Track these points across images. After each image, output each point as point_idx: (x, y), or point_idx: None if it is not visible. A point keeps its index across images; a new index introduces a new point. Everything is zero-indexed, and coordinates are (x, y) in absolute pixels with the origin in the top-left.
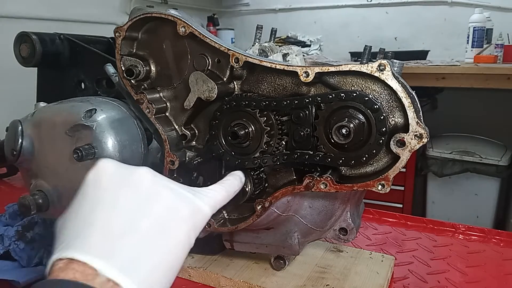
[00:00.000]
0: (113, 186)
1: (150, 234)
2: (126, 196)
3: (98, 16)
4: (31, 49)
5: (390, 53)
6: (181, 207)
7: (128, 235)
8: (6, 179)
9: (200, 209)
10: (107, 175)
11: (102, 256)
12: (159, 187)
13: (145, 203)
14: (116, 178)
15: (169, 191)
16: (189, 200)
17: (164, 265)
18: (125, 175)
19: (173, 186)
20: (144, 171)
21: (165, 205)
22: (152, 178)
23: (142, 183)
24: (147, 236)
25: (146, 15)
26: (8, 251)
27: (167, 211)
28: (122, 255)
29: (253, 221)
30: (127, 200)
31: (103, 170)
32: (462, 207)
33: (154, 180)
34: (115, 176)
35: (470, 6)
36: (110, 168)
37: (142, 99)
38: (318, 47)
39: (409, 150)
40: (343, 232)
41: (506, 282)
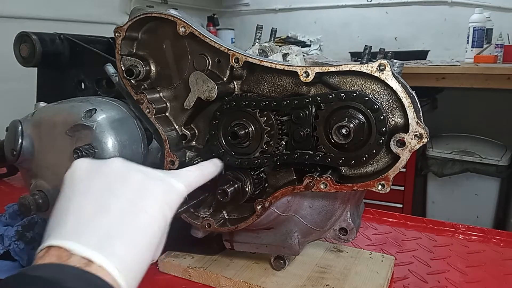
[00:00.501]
0: (85, 176)
1: (122, 213)
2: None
3: (98, 16)
4: (31, 49)
5: (390, 53)
6: (152, 185)
7: (100, 215)
8: (6, 179)
9: (172, 186)
10: (81, 169)
11: (75, 238)
12: (129, 170)
13: (115, 185)
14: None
15: (139, 173)
16: (161, 179)
17: (139, 242)
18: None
19: (144, 169)
20: (115, 159)
21: (136, 186)
22: (122, 163)
23: (112, 169)
24: (119, 215)
25: (146, 15)
26: (8, 251)
27: (138, 190)
28: (94, 234)
29: (253, 221)
30: (98, 186)
31: (77, 166)
32: (462, 207)
33: (125, 165)
34: (88, 168)
35: (470, 6)
36: (84, 164)
37: (142, 99)
38: (318, 47)
39: (409, 150)
40: (343, 232)
41: (506, 282)
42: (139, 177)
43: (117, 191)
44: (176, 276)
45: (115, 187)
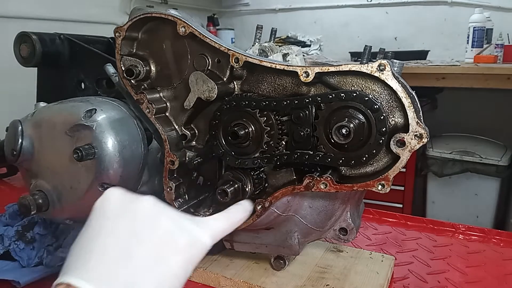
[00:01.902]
0: (115, 214)
1: (145, 262)
2: (125, 223)
3: (98, 16)
4: (31, 49)
5: (390, 53)
6: (178, 237)
7: (123, 261)
8: (6, 179)
9: (198, 239)
10: (111, 203)
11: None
12: (158, 215)
13: (142, 230)
14: (119, 206)
15: (167, 219)
16: (188, 230)
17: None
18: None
19: (173, 215)
20: (146, 199)
21: (162, 234)
22: (152, 206)
23: (141, 211)
24: (141, 263)
25: (146, 15)
26: (8, 251)
27: (164, 239)
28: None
29: (253, 221)
30: (126, 228)
31: (108, 198)
32: (462, 207)
33: (154, 208)
34: (118, 204)
35: (470, 6)
36: (114, 197)
37: (142, 99)
38: (318, 47)
39: (409, 150)
40: (343, 232)
41: (506, 282)
42: (167, 225)
43: (143, 237)
44: None
45: (142, 233)
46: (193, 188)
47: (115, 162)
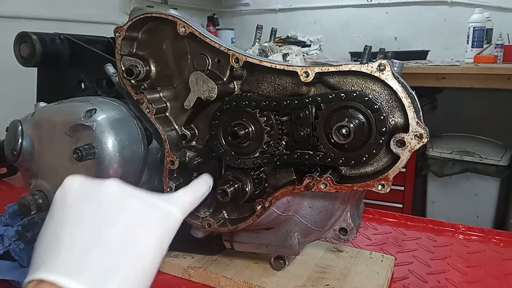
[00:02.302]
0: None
1: (119, 245)
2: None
3: (98, 16)
4: (31, 49)
5: (390, 53)
6: (149, 214)
7: (96, 248)
8: (6, 179)
9: (170, 214)
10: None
11: (70, 274)
12: (125, 197)
13: (111, 214)
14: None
15: (135, 199)
16: (158, 206)
17: (136, 275)
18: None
19: (140, 194)
20: (110, 182)
21: (132, 214)
22: (118, 189)
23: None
24: (115, 247)
25: (146, 15)
26: (8, 251)
27: (135, 219)
28: (91, 270)
29: (253, 221)
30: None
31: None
32: (462, 207)
33: (121, 190)
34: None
35: (470, 6)
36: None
37: (142, 99)
38: (318, 47)
39: (409, 150)
40: (343, 232)
41: (506, 282)
42: (136, 204)
43: (113, 220)
44: (176, 276)
45: (111, 216)
46: None
47: (115, 162)
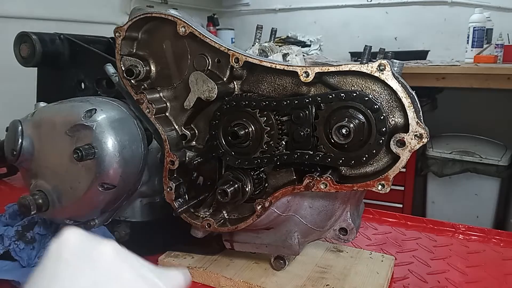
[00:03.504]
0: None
1: None
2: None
3: (98, 16)
4: (31, 49)
5: (390, 53)
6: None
7: None
8: (6, 179)
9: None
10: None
11: None
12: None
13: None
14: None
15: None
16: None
17: None
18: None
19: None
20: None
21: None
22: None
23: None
24: None
25: (146, 15)
26: (8, 251)
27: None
28: None
29: (253, 221)
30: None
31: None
32: (462, 207)
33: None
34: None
35: (470, 6)
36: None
37: (142, 99)
38: (318, 47)
39: (409, 150)
40: (343, 232)
41: (506, 282)
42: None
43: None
44: None
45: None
46: (193, 188)
47: (115, 162)
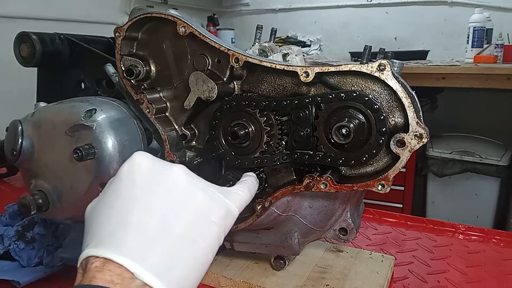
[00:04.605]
0: (149, 185)
1: (183, 238)
2: (160, 196)
3: (98, 16)
4: (31, 49)
5: (390, 53)
6: (213, 210)
7: (162, 238)
8: (6, 179)
9: (230, 211)
10: (142, 171)
11: (138, 260)
12: (193, 189)
13: (179, 203)
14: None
15: (202, 193)
16: (221, 203)
17: (195, 268)
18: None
19: (206, 187)
20: (178, 169)
21: (198, 208)
22: (186, 178)
23: (176, 183)
24: (180, 239)
25: (146, 15)
26: (8, 251)
27: (200, 214)
28: (157, 258)
29: (253, 221)
30: (162, 201)
31: (138, 166)
32: (462, 207)
33: (188, 180)
34: (150, 173)
35: (470, 6)
36: (145, 165)
37: (142, 99)
38: (318, 47)
39: (409, 150)
40: (343, 232)
41: (506, 282)
42: (202, 198)
43: (180, 210)
44: None
45: (179, 206)
46: None
47: (115, 162)
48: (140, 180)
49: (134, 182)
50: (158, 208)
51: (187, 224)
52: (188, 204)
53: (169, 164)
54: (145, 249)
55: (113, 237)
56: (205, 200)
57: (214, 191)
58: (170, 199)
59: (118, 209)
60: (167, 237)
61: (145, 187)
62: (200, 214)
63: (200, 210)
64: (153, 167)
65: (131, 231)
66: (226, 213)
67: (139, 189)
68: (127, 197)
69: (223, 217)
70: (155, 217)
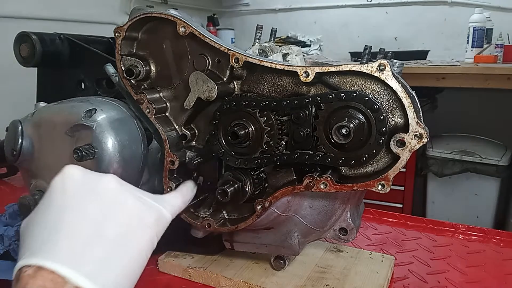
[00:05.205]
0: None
1: (116, 241)
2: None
3: (98, 16)
4: (31, 49)
5: (390, 53)
6: (146, 215)
7: (95, 242)
8: (6, 179)
9: (163, 215)
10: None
11: (70, 264)
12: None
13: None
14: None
15: (134, 199)
16: (153, 208)
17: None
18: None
19: (138, 194)
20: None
21: (130, 213)
22: (118, 186)
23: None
24: (113, 243)
25: (146, 15)
26: (8, 251)
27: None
28: (89, 262)
29: (253, 221)
30: (94, 208)
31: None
32: (462, 207)
33: (120, 188)
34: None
35: (470, 6)
36: (76, 175)
37: (142, 99)
38: (318, 47)
39: (409, 150)
40: (343, 232)
41: (506, 282)
42: (133, 203)
43: (112, 216)
44: (176, 276)
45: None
46: None
47: (115, 162)
48: (71, 189)
49: (65, 191)
50: (90, 213)
51: (119, 227)
52: (119, 208)
53: (100, 174)
54: (77, 253)
55: (45, 244)
56: (136, 204)
57: (146, 197)
58: (101, 204)
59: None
60: (99, 240)
61: (76, 195)
62: (132, 217)
63: (132, 213)
64: (84, 177)
65: (62, 237)
66: (159, 217)
67: (70, 198)
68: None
69: (156, 221)
70: (86, 222)
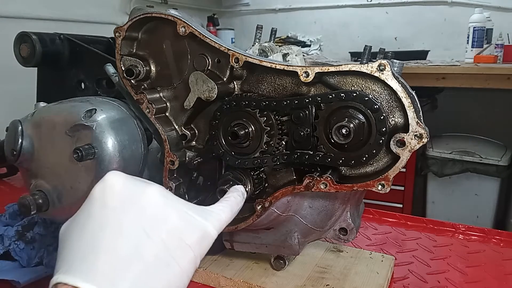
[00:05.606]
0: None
1: (156, 263)
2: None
3: (98, 16)
4: (31, 49)
5: (390, 53)
6: (188, 233)
7: (133, 262)
8: (6, 179)
9: (207, 233)
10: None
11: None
12: (168, 211)
13: (152, 226)
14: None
15: (176, 215)
16: (197, 224)
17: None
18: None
19: (183, 208)
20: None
21: (171, 231)
22: (160, 198)
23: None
24: (152, 264)
25: (146, 15)
26: (8, 251)
27: (174, 238)
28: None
29: (253, 221)
30: (134, 223)
31: (110, 186)
32: (462, 207)
33: (162, 201)
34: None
35: (470, 6)
36: (117, 185)
37: (142, 99)
38: (318, 47)
39: (409, 150)
40: (343, 232)
41: (506, 282)
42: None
43: (153, 234)
44: None
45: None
46: (193, 188)
47: (115, 162)
48: (112, 202)
49: (105, 204)
50: (130, 230)
51: (161, 247)
52: (161, 227)
53: (143, 184)
54: (115, 275)
55: (83, 263)
56: (180, 222)
57: (191, 212)
58: (142, 220)
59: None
60: (139, 261)
61: (117, 209)
62: (174, 237)
63: (175, 232)
64: (126, 188)
65: (101, 256)
66: (203, 235)
67: (111, 211)
68: (99, 219)
69: (199, 240)
70: (126, 241)
